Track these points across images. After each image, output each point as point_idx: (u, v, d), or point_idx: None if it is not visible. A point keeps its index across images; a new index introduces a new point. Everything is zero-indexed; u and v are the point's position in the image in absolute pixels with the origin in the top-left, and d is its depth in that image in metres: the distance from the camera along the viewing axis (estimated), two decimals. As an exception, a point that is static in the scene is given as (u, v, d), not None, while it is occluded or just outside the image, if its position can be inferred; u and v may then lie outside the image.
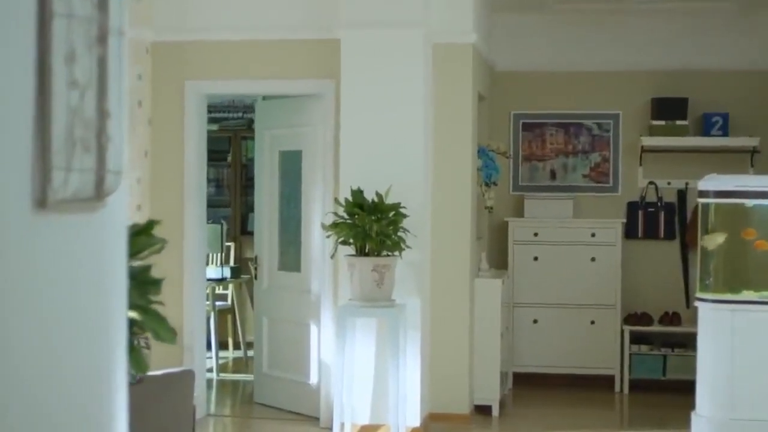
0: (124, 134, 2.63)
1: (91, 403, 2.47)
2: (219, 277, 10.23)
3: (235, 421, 8.31)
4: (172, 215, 7.96)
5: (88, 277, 2.45)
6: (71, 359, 2.35)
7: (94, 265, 2.48)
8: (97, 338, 2.51)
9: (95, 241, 2.49)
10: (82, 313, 2.42)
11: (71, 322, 2.35)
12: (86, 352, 2.44)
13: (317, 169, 7.93)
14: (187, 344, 7.98)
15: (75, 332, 2.37)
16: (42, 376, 2.16)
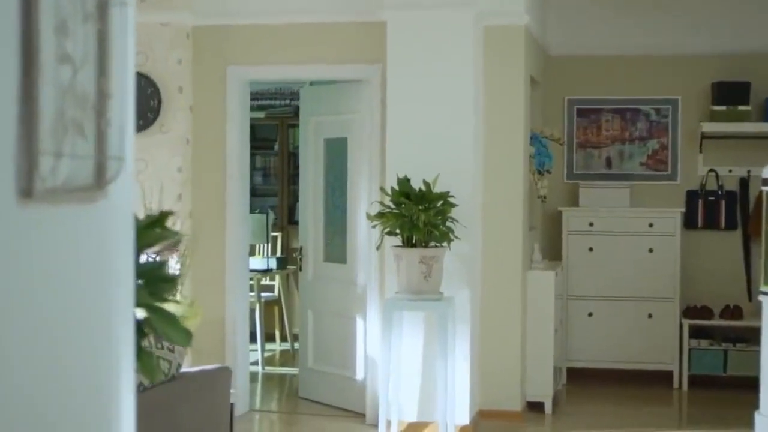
0: (129, 117, 2.37)
1: (91, 411, 2.23)
2: (264, 268, 10.00)
3: (279, 416, 8.07)
4: (214, 205, 7.74)
5: (88, 274, 2.20)
6: (67, 362, 2.11)
7: (94, 260, 2.23)
8: (98, 341, 2.26)
9: (95, 235, 2.24)
10: (80, 313, 2.17)
11: (67, 323, 2.11)
12: (85, 355, 2.19)
13: (363, 157, 7.66)
14: (229, 337, 7.75)
15: (72, 334, 2.13)
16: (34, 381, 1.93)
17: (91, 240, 2.18)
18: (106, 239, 2.25)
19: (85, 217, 2.16)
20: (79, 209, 2.14)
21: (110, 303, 2.30)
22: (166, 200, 7.24)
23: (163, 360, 4.74)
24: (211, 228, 7.73)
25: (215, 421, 5.14)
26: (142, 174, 7.45)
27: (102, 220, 2.22)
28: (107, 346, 2.28)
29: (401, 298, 6.93)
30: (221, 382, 5.24)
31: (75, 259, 2.13)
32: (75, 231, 2.14)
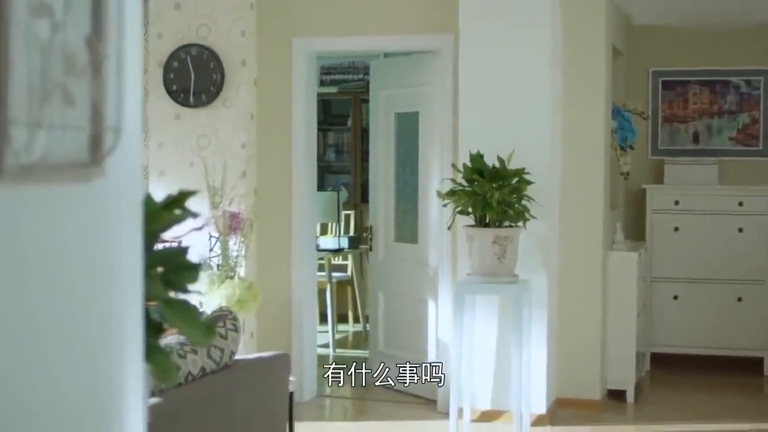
0: (132, 82, 2.06)
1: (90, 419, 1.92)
2: (336, 247, 9.71)
3: (348, 402, 7.77)
4: (280, 183, 7.45)
5: (82, 263, 1.89)
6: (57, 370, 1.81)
7: (90, 248, 1.91)
8: (97, 342, 1.95)
9: (91, 218, 1.92)
10: (72, 312, 1.87)
11: (56, 324, 1.81)
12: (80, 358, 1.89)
13: (435, 132, 7.31)
14: (295, 319, 7.47)
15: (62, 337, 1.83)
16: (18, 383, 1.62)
17: (86, 225, 1.87)
18: (104, 223, 1.94)
19: (76, 198, 1.85)
20: (69, 189, 1.84)
21: (112, 298, 2.00)
22: (229, 177, 6.97)
23: (214, 348, 4.46)
24: (276, 206, 7.44)
25: (272, 411, 4.85)
26: (205, 151, 7.19)
27: (99, 202, 1.91)
28: (108, 348, 1.98)
29: (473, 281, 6.58)
30: (279, 370, 4.94)
31: (65, 247, 1.83)
32: (64, 214, 1.84)
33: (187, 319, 2.27)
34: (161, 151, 7.31)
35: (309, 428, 6.72)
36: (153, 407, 3.89)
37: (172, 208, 2.39)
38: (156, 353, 2.26)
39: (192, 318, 2.28)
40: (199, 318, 2.29)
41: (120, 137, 1.92)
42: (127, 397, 2.06)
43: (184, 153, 7.25)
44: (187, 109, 7.24)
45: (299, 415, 6.95)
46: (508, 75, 6.84)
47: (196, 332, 2.27)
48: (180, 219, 2.36)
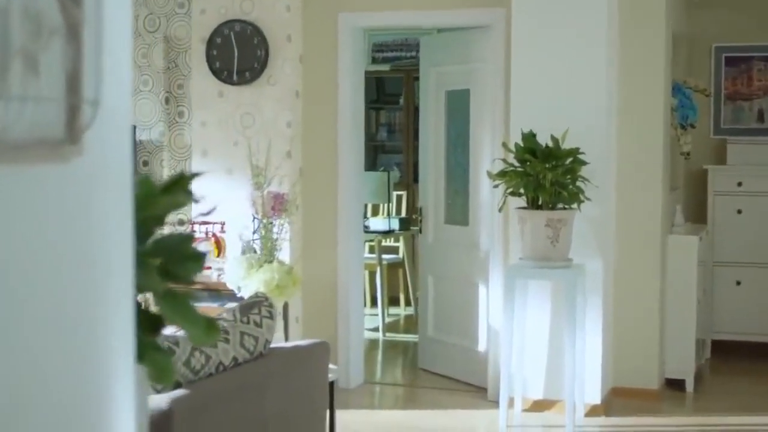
0: (124, 48, 1.83)
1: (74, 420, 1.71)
2: (386, 229, 9.47)
3: (396, 389, 7.54)
4: (326, 162, 7.23)
5: (60, 253, 1.67)
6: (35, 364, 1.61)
7: (69, 236, 1.70)
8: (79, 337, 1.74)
9: (70, 203, 1.71)
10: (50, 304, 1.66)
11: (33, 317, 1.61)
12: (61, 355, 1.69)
13: (486, 110, 7.04)
14: (341, 303, 7.25)
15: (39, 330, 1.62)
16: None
17: (65, 210, 1.65)
18: (87, 209, 1.72)
19: (52, 180, 1.63)
20: (43, 170, 1.62)
21: (98, 291, 1.78)
22: (273, 157, 6.75)
23: (247, 336, 4.24)
24: (322, 187, 7.22)
25: (310, 401, 4.64)
26: (249, 129, 6.99)
27: (79, 184, 1.69)
28: (93, 345, 1.76)
29: (525, 265, 6.32)
30: (317, 359, 4.72)
31: (40, 234, 1.61)
32: (37, 198, 1.62)
33: (186, 315, 2.05)
34: (204, 130, 7.12)
35: (355, 416, 6.50)
36: (180, 399, 3.70)
37: (173, 192, 2.17)
38: (152, 351, 2.04)
39: (191, 314, 2.06)
40: (198, 313, 2.07)
41: (98, 111, 1.70)
42: (116, 397, 1.85)
43: (227, 132, 7.05)
44: (230, 86, 7.03)
45: (345, 403, 6.75)
46: (561, 50, 6.54)
47: (195, 329, 2.04)
48: (182, 204, 2.14)
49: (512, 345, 6.44)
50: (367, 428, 6.26)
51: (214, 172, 7.04)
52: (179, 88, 7.29)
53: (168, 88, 7.30)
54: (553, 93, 6.54)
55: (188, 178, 2.15)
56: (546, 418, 6.48)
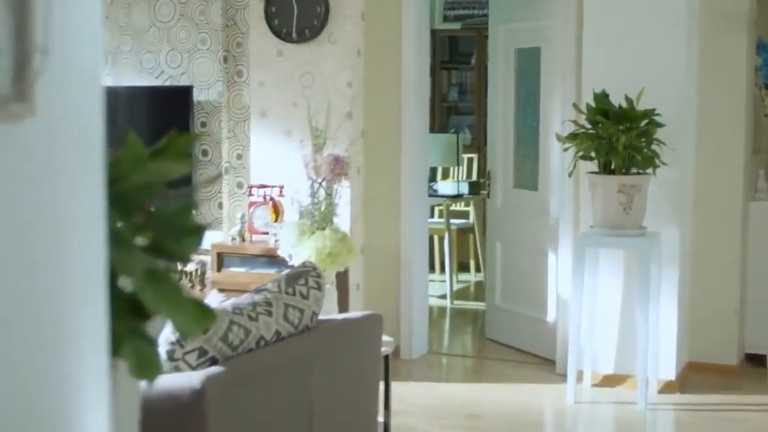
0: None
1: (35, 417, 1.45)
2: (455, 193, 9.16)
3: (460, 360, 7.25)
4: (389, 124, 6.93)
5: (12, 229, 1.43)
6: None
7: (21, 210, 1.45)
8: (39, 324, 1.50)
9: (19, 170, 1.46)
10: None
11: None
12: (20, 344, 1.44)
13: (557, 69, 6.68)
14: (404, 270, 6.97)
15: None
16: None
17: (14, 178, 1.40)
18: (44, 177, 1.46)
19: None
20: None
21: (62, 274, 1.52)
22: (333, 118, 6.46)
23: (292, 309, 3.98)
24: (385, 150, 6.93)
25: (361, 377, 4.37)
26: (308, 89, 6.71)
27: (32, 148, 1.44)
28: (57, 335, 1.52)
29: (596, 233, 5.99)
30: (369, 332, 4.45)
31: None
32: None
33: (172, 300, 1.78)
34: (262, 90, 6.86)
35: (415, 389, 6.24)
36: (215, 377, 3.45)
37: (166, 156, 1.90)
38: (134, 340, 1.77)
39: (178, 298, 1.79)
40: (187, 298, 1.80)
41: (48, 60, 1.43)
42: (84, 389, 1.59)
43: (286, 92, 6.78)
44: (289, 45, 6.75)
45: (407, 375, 6.50)
46: (637, 6, 6.16)
47: (182, 317, 1.77)
48: (177, 170, 1.87)
49: (582, 316, 6.12)
50: (427, 402, 6.00)
51: (272, 133, 6.80)
52: (238, 47, 7.04)
53: (226, 46, 7.05)
54: (627, 50, 6.17)
55: (185, 139, 1.88)
56: (617, 394, 6.16)
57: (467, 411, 5.82)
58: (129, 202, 1.80)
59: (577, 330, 6.07)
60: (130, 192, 1.80)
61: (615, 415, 5.99)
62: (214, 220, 7.18)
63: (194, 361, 3.58)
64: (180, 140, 1.85)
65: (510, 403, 6.01)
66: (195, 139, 1.96)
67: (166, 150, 1.84)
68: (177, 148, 1.85)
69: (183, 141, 1.86)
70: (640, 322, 5.91)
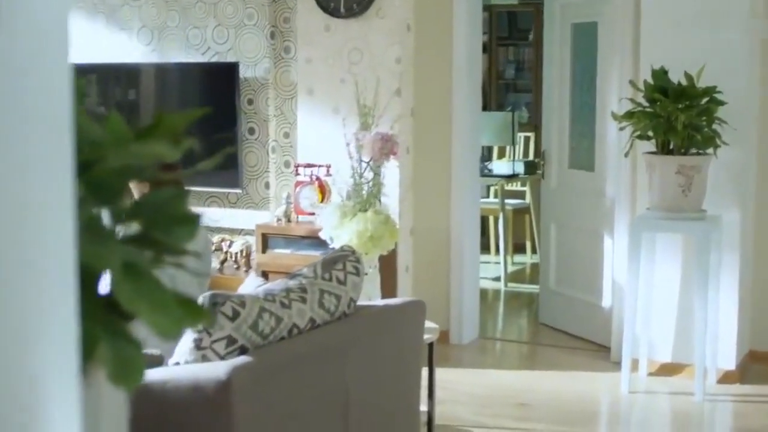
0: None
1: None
2: (510, 173, 8.93)
3: (512, 346, 7.02)
4: (439, 102, 6.72)
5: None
6: None
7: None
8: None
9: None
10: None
11: None
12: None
13: (615, 45, 6.41)
14: (455, 252, 6.76)
15: None
16: None
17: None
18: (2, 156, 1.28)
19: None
20: None
21: (24, 268, 1.34)
22: (382, 95, 6.26)
23: (328, 295, 3.81)
24: (435, 128, 6.72)
25: (401, 366, 4.18)
26: (357, 66, 6.51)
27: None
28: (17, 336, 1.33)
29: (653, 216, 5.74)
30: (411, 319, 4.26)
31: None
32: None
33: (154, 298, 1.60)
34: (310, 67, 6.67)
35: (463, 376, 6.04)
36: (242, 368, 3.28)
37: (152, 137, 1.71)
38: (114, 342, 1.59)
39: (158, 296, 1.60)
40: (170, 295, 1.61)
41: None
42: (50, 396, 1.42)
43: (333, 68, 6.59)
44: (337, 20, 6.56)
45: (457, 360, 6.32)
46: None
47: (163, 318, 1.59)
48: (164, 155, 1.68)
49: (638, 303, 5.88)
50: (475, 390, 5.80)
51: (320, 111, 6.61)
52: (285, 22, 6.86)
53: (273, 22, 6.87)
54: (687, 25, 5.89)
55: (176, 119, 1.69)
56: (673, 384, 5.92)
57: (516, 400, 5.62)
58: (109, 188, 1.62)
59: (632, 317, 5.84)
60: (111, 176, 1.63)
61: (671, 406, 5.75)
62: (261, 200, 7.03)
63: (222, 350, 3.42)
64: (171, 120, 1.66)
65: (561, 392, 5.79)
66: (188, 119, 1.73)
67: (155, 130, 1.66)
68: (167, 128, 1.66)
69: (174, 121, 1.67)
70: (699, 308, 5.66)
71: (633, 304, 5.83)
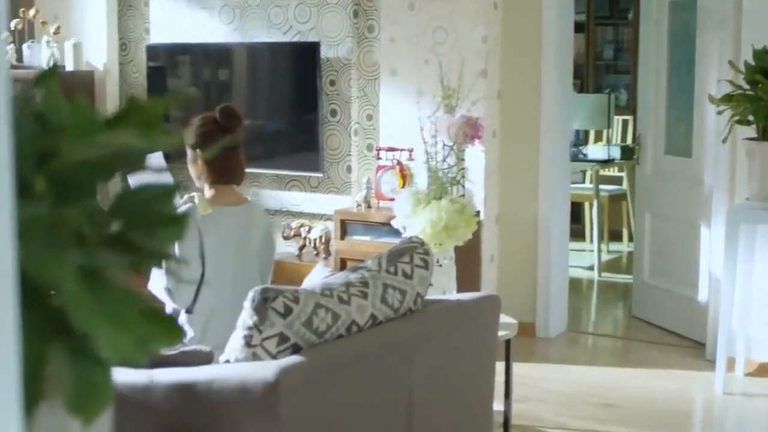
0: None
1: None
2: (605, 157, 8.57)
3: (601, 340, 6.69)
4: (527, 83, 6.41)
5: None
6: None
7: None
8: None
9: None
10: None
11: None
12: None
13: (714, 23, 6.03)
14: (543, 241, 6.46)
15: None
16: None
17: None
18: None
19: None
20: None
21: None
22: (467, 77, 5.99)
23: (392, 290, 3.56)
24: (522, 111, 6.42)
25: (473, 365, 3.93)
26: (441, 46, 6.25)
27: None
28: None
29: (752, 207, 5.38)
30: (484, 315, 4.00)
31: None
32: None
33: (116, 314, 1.38)
34: (393, 47, 6.43)
35: (548, 372, 5.75)
36: (292, 368, 3.06)
37: (125, 126, 1.49)
38: (73, 362, 1.38)
39: (125, 311, 1.38)
40: (138, 311, 1.39)
41: None
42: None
43: (418, 49, 6.34)
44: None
45: (543, 355, 6.04)
46: (807, -50, 5.48)
47: (122, 337, 1.36)
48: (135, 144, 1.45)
49: (735, 298, 5.53)
50: (558, 387, 5.50)
51: (403, 93, 6.36)
52: (369, 1, 6.61)
53: (357, 0, 6.64)
54: (794, 2, 5.51)
55: (152, 106, 1.46)
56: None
57: (601, 399, 5.30)
58: (74, 183, 1.40)
59: (728, 313, 5.48)
60: (77, 170, 1.40)
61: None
62: (342, 184, 6.81)
63: (273, 348, 3.20)
64: (144, 107, 1.43)
65: (650, 392, 5.46)
66: (164, 106, 1.48)
67: (126, 119, 1.43)
68: (140, 116, 1.43)
69: (149, 108, 1.43)
70: (802, 306, 5.29)
71: (729, 300, 5.48)
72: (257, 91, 7.13)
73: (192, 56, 7.24)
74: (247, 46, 6.98)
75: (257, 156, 7.01)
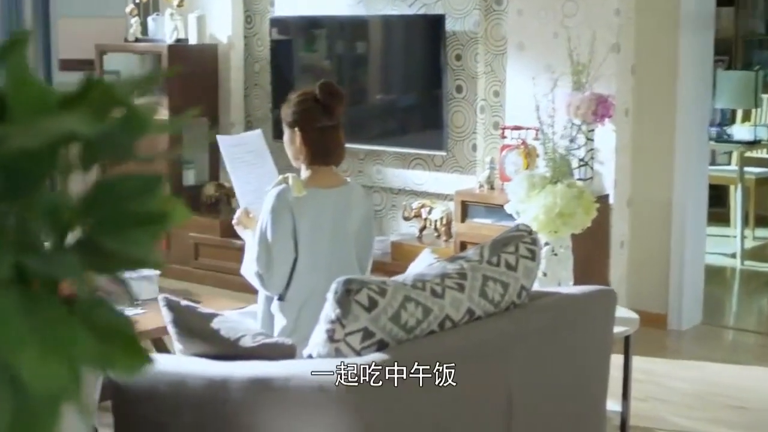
0: None
1: None
2: (751, 138, 8.06)
3: (737, 335, 6.24)
4: (663, 58, 6.02)
5: None
6: None
7: None
8: None
9: None
10: None
11: None
12: None
13: None
14: (677, 226, 6.05)
15: None
16: None
17: None
18: None
19: None
20: None
21: None
22: (598, 52, 5.64)
23: (493, 282, 3.29)
24: (657, 88, 6.03)
25: (584, 364, 3.62)
26: (571, 19, 5.91)
27: None
28: None
29: None
30: (596, 310, 3.69)
31: None
32: None
33: (50, 334, 1.17)
34: (521, 19, 6.11)
35: (677, 368, 5.37)
36: (377, 365, 2.82)
37: (83, 106, 1.26)
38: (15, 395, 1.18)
39: (62, 332, 1.17)
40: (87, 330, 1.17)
41: None
42: None
43: (547, 22, 6.00)
44: (551, -32, 5.96)
45: (674, 350, 5.70)
46: None
47: (51, 366, 1.15)
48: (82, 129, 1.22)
49: None
50: (686, 385, 5.11)
51: (530, 68, 6.04)
52: (497, -29, 6.31)
53: (484, -30, 6.34)
54: None
55: (108, 88, 1.22)
56: None
57: (733, 401, 4.91)
58: (20, 175, 1.18)
59: None
60: (23, 159, 1.18)
61: None
62: (467, 163, 6.54)
63: (357, 344, 2.96)
64: (103, 88, 1.19)
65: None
66: (126, 89, 1.24)
67: (81, 99, 1.19)
68: (97, 98, 1.19)
69: (108, 89, 1.19)
70: None
71: None
72: (378, 66, 6.90)
73: (316, 29, 7.06)
74: (370, 18, 6.75)
75: (379, 134, 6.80)
